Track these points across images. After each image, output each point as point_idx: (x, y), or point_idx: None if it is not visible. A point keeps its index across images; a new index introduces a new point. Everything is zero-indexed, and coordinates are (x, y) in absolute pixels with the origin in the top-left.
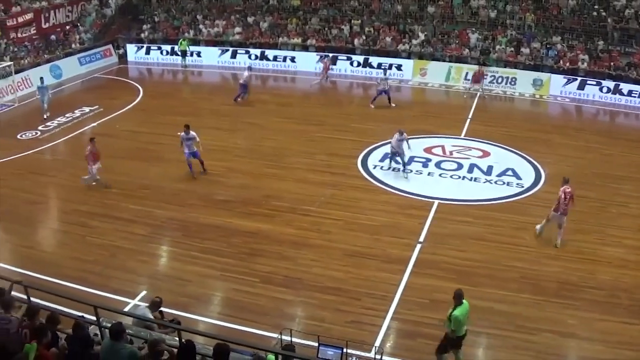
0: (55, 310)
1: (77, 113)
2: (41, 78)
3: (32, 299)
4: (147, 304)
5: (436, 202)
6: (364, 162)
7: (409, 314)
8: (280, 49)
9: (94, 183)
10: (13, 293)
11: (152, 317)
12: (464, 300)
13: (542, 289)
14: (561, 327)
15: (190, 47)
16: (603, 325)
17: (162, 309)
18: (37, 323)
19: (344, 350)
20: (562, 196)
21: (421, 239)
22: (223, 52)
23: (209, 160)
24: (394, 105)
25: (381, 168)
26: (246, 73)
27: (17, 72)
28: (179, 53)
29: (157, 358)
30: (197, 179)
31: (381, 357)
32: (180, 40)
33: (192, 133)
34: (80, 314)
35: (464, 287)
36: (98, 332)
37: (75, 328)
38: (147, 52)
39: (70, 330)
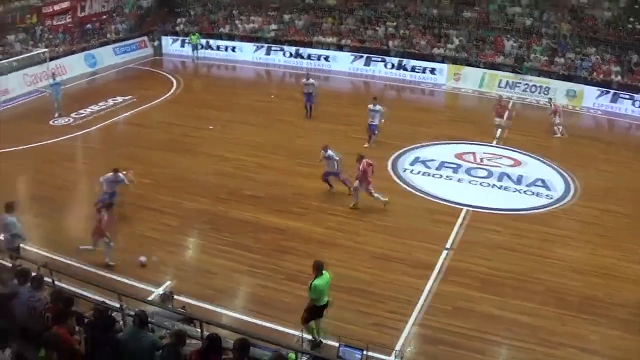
0: (76, 293)
1: (110, 102)
2: (53, 74)
3: (57, 282)
4: (161, 294)
5: (465, 209)
6: (394, 165)
7: (431, 320)
8: (314, 48)
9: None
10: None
11: (172, 306)
12: (324, 272)
13: (567, 303)
14: (583, 342)
15: (226, 42)
16: (625, 344)
17: (174, 296)
18: (60, 307)
19: (365, 352)
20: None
21: (448, 245)
22: (258, 48)
23: (242, 155)
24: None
25: (411, 172)
26: (304, 80)
27: (51, 59)
28: (190, 46)
29: (180, 348)
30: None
31: None
32: (191, 35)
33: (121, 176)
34: (102, 299)
35: (489, 296)
36: (121, 319)
37: (95, 313)
38: (182, 45)
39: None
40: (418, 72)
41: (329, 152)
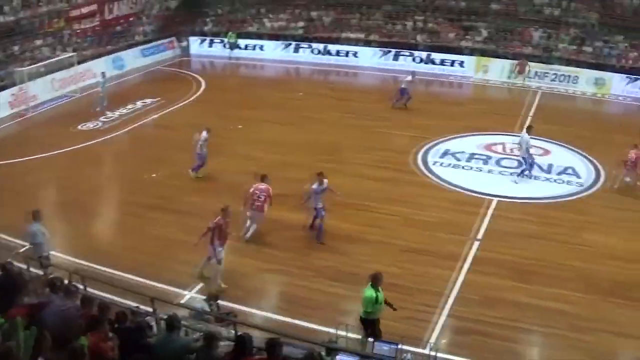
0: (107, 299)
1: (139, 104)
2: (103, 73)
3: (88, 289)
4: (204, 297)
5: (495, 199)
6: (424, 158)
7: (464, 311)
8: (342, 44)
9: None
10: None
11: (208, 309)
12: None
13: (599, 288)
14: (616, 327)
15: (254, 40)
16: None
17: (219, 302)
18: (92, 313)
19: (398, 346)
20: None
21: (479, 236)
22: (285, 46)
23: (268, 153)
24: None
25: (441, 164)
26: (409, 77)
27: (79, 62)
28: (228, 45)
29: (212, 350)
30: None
31: (436, 353)
32: (229, 33)
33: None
34: (135, 304)
35: (520, 285)
36: (154, 323)
37: (120, 318)
38: (210, 45)
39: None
40: (446, 65)
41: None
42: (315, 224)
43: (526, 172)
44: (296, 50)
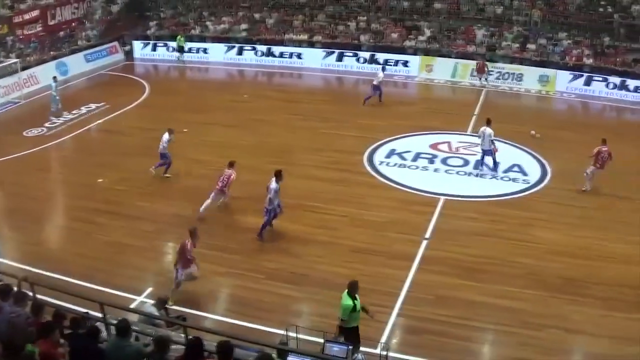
0: (60, 306)
1: (83, 110)
2: (54, 77)
3: (38, 296)
4: (153, 302)
5: (442, 198)
6: (370, 159)
7: (415, 310)
8: (286, 45)
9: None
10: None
11: (158, 314)
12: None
13: (548, 284)
14: (567, 323)
15: (197, 43)
16: (608, 321)
17: (167, 306)
18: (43, 320)
19: (350, 347)
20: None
21: (427, 235)
22: (229, 48)
23: (216, 157)
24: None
25: (387, 164)
26: (380, 74)
27: (23, 69)
28: (176, 49)
29: (164, 354)
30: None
31: (387, 353)
32: (178, 37)
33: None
34: (85, 310)
35: (470, 283)
36: (104, 329)
37: (74, 324)
38: (154, 49)
39: (78, 327)
40: (390, 65)
41: (172, 135)
42: (268, 222)
43: (484, 160)
44: (240, 52)
